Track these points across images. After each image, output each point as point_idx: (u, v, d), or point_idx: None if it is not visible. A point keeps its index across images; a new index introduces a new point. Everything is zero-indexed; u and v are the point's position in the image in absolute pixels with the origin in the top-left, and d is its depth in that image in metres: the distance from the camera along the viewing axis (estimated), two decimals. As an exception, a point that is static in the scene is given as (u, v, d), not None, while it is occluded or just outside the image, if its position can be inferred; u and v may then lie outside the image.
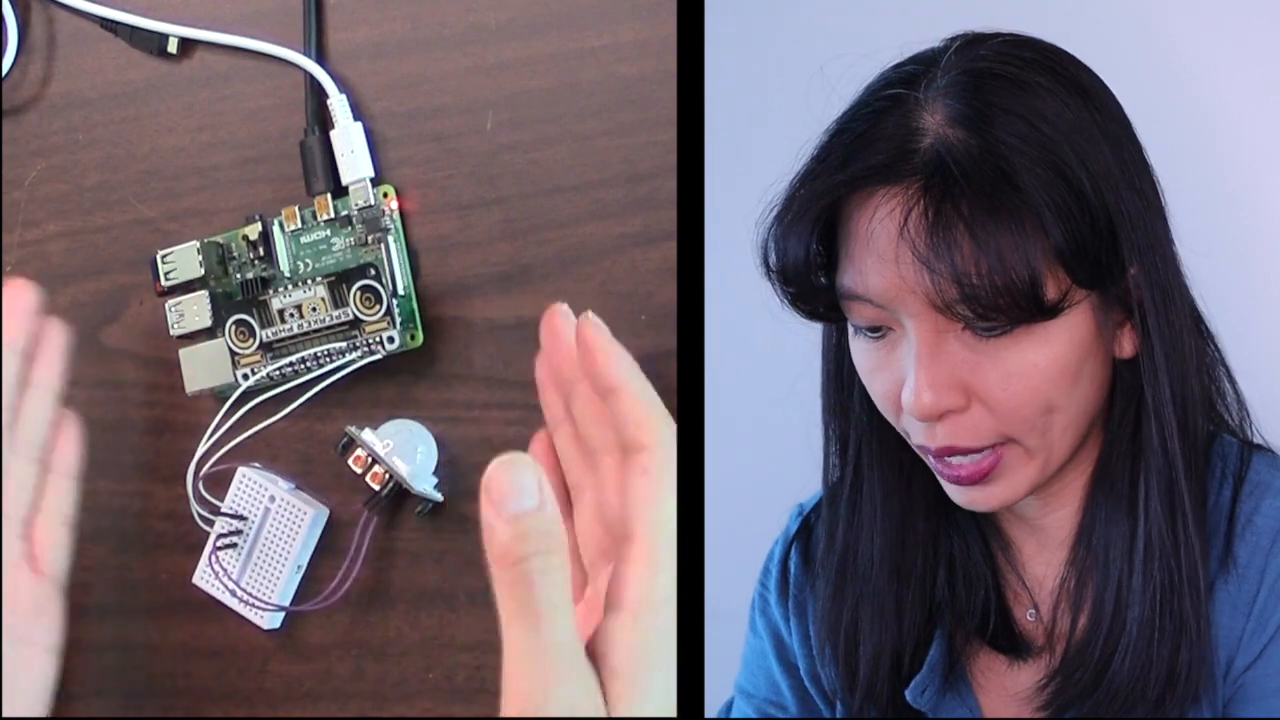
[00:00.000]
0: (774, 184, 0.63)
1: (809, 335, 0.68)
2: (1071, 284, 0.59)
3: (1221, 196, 0.78)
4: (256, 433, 0.71)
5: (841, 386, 0.68)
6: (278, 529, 0.73)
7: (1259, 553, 0.62)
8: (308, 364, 0.71)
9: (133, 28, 0.76)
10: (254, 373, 0.72)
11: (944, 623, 0.68)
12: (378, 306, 0.71)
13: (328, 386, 0.71)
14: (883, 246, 0.59)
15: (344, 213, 0.72)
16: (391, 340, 0.71)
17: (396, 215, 0.72)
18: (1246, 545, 0.62)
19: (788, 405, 0.69)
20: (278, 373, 0.72)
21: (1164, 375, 0.61)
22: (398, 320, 0.71)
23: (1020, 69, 0.61)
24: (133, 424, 0.73)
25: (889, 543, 0.68)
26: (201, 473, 0.71)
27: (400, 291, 0.71)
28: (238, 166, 0.75)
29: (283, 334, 0.72)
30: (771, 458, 0.71)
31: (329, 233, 0.72)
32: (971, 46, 0.62)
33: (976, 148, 0.58)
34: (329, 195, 0.72)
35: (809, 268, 0.62)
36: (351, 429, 0.71)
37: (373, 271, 0.71)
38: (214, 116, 0.75)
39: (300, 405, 0.72)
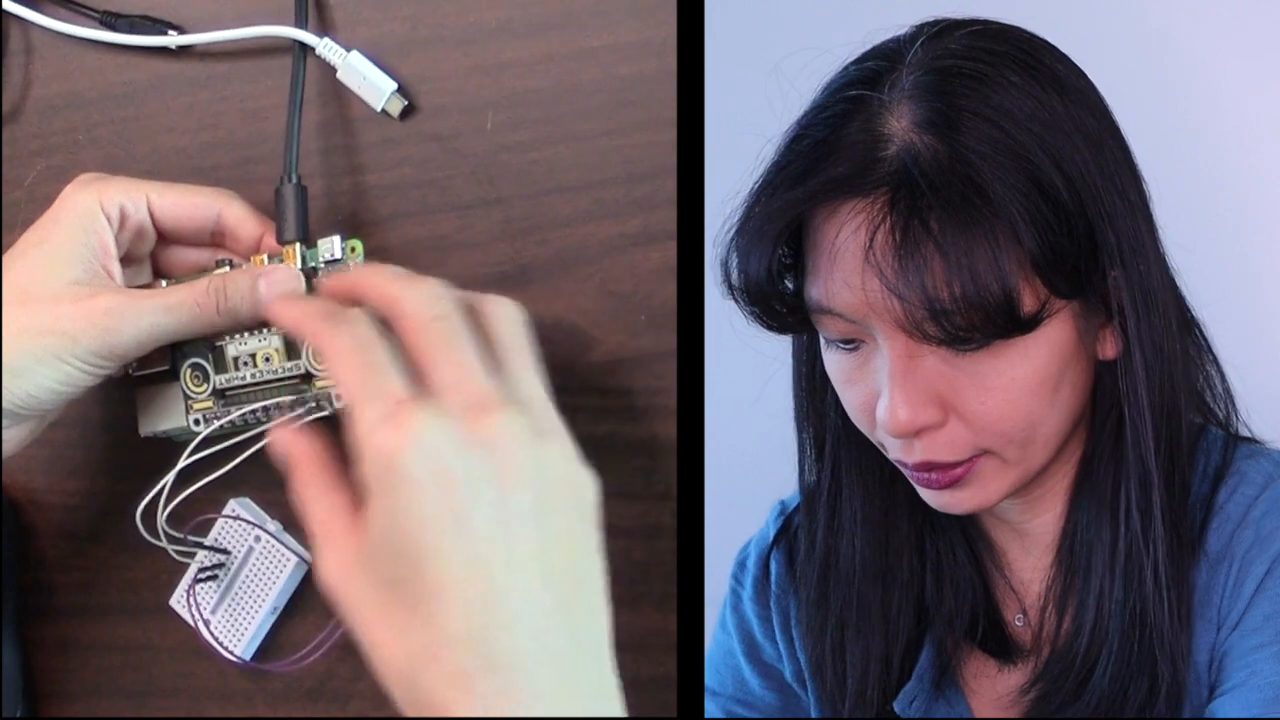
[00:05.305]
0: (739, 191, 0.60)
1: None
2: (1050, 294, 0.57)
3: (1213, 187, 0.78)
4: (203, 485, 0.68)
5: (814, 390, 0.66)
6: (259, 570, 0.72)
7: (1225, 535, 0.61)
8: (258, 415, 0.69)
9: (132, 21, 0.75)
10: (205, 419, 0.69)
11: (933, 628, 0.67)
12: None
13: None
14: (849, 268, 0.57)
15: (311, 264, 0.68)
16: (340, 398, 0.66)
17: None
18: (1216, 533, 0.61)
19: (787, 405, 0.69)
20: (230, 424, 0.69)
21: (1143, 385, 0.59)
22: None
23: (990, 65, 0.57)
24: (131, 424, 0.73)
25: (871, 547, 0.66)
26: (162, 517, 0.69)
27: None
28: (238, 166, 0.75)
29: (235, 381, 0.69)
30: (772, 458, 0.71)
31: None
32: (939, 40, 0.59)
33: (945, 155, 0.56)
34: (298, 245, 0.68)
35: (773, 285, 0.59)
36: None
37: None
38: (214, 116, 0.75)
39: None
